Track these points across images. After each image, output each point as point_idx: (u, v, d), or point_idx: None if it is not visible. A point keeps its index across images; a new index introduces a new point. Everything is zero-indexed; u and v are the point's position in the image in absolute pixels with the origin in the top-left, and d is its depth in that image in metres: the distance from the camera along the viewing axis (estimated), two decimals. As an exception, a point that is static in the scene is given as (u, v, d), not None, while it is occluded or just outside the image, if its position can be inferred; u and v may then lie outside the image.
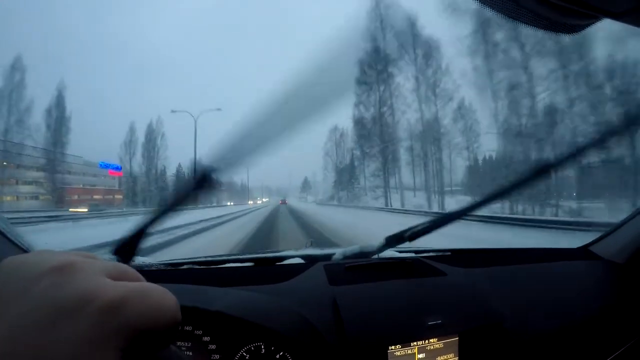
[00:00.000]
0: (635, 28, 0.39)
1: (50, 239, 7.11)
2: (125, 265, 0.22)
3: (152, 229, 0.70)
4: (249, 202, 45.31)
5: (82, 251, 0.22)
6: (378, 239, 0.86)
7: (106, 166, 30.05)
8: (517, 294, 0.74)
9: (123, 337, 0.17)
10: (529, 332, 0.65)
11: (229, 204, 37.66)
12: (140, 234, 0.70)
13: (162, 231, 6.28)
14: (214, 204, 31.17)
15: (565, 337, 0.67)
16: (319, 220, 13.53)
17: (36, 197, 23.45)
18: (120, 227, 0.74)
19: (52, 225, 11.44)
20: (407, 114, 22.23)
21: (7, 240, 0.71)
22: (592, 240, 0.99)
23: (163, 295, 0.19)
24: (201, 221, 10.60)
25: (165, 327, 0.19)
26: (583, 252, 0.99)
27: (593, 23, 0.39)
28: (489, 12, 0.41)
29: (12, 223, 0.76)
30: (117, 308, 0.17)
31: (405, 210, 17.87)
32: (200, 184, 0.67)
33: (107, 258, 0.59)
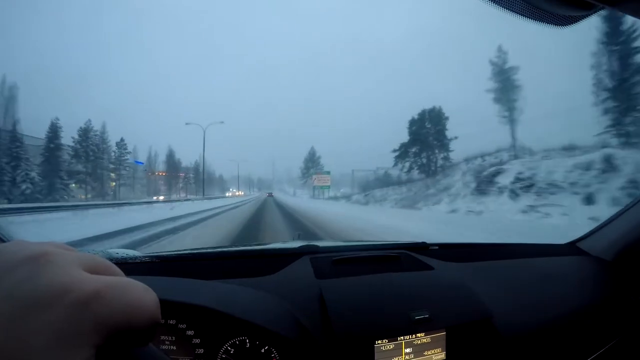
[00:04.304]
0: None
1: None
2: (103, 259, 0.21)
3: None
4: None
5: (58, 242, 0.21)
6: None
7: None
8: (504, 290, 0.75)
9: (97, 333, 0.16)
10: (517, 327, 0.65)
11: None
12: None
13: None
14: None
15: (553, 333, 0.67)
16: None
17: None
18: None
19: None
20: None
21: None
22: (580, 237, 1.00)
23: (142, 292, 0.19)
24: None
25: (144, 325, 0.18)
26: (570, 248, 0.99)
27: (590, 15, 0.39)
28: (481, 2, 0.40)
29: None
30: (91, 303, 0.16)
31: None
32: None
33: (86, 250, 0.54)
